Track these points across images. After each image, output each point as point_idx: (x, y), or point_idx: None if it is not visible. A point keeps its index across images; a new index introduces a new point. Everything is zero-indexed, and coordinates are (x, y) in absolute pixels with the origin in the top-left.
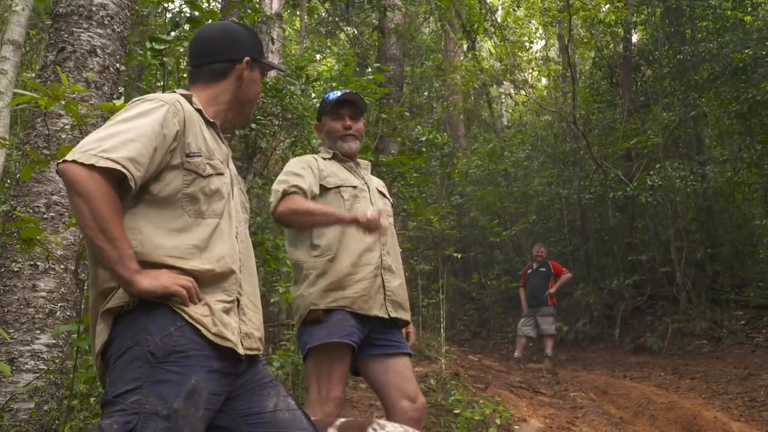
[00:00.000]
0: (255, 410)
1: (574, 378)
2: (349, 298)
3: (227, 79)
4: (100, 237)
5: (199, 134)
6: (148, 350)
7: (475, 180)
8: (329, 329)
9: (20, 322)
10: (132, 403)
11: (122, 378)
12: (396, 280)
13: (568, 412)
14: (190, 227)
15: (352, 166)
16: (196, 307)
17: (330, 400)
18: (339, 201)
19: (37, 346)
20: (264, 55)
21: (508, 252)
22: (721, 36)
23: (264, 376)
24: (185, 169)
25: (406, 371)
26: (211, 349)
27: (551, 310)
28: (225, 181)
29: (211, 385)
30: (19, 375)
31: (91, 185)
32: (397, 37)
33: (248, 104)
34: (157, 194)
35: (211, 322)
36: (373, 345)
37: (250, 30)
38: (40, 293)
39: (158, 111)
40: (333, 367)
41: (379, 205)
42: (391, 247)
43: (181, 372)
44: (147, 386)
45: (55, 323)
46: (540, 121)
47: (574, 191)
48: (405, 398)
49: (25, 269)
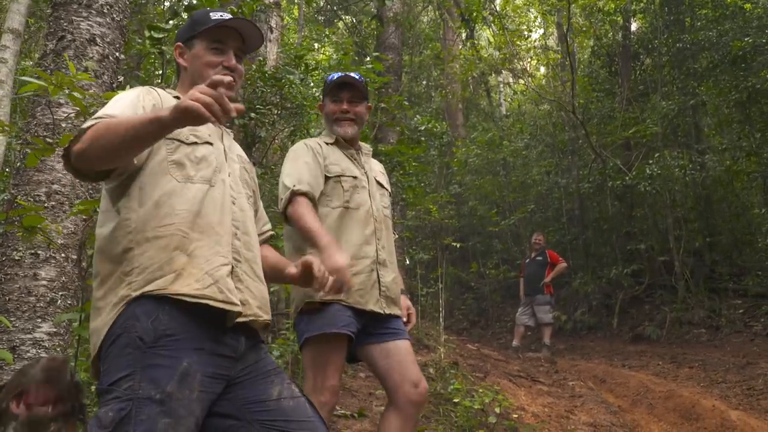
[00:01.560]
0: (259, 398)
1: (573, 367)
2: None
3: (182, 71)
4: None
5: None
6: (137, 336)
7: (473, 169)
8: (327, 319)
9: (21, 310)
10: (125, 390)
11: (114, 366)
12: (390, 274)
13: (566, 401)
14: (179, 191)
15: (353, 154)
16: (196, 282)
17: (326, 389)
18: (338, 191)
19: (38, 334)
20: (200, 25)
21: (506, 241)
22: (720, 24)
23: (267, 364)
24: (167, 138)
25: (407, 355)
26: (202, 330)
27: (548, 298)
28: (214, 151)
29: (205, 367)
30: (20, 362)
31: (87, 136)
32: (395, 25)
33: (201, 79)
34: (148, 169)
35: (216, 290)
36: (371, 333)
37: (192, 14)
38: (41, 282)
39: (131, 92)
40: (329, 357)
41: (377, 197)
42: (386, 241)
43: (172, 355)
44: (139, 372)
45: (56, 312)
46: (539, 110)
47: (572, 180)
48: (408, 382)
49: (27, 258)
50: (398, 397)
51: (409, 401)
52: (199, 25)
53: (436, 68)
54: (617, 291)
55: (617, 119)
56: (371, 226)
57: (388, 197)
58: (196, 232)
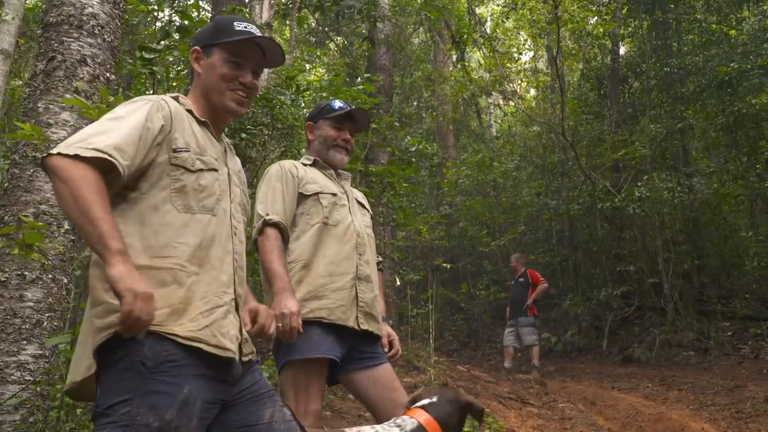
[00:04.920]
0: (251, 421)
1: (563, 389)
2: (326, 308)
3: (195, 76)
4: (83, 219)
5: (188, 130)
6: (138, 360)
7: (464, 190)
8: (310, 343)
9: (6, 332)
10: (123, 415)
11: (113, 389)
12: (371, 292)
13: (556, 423)
14: (180, 222)
15: (332, 174)
16: (190, 322)
17: (309, 414)
18: (317, 208)
19: (23, 356)
20: (223, 35)
21: (497, 262)
22: (706, 49)
23: (261, 387)
24: (172, 164)
25: (393, 381)
26: (205, 358)
27: (531, 320)
28: (218, 178)
29: (205, 394)
30: (4, 386)
31: (74, 171)
32: (387, 47)
33: (214, 92)
34: (146, 192)
35: (209, 334)
36: (352, 360)
37: (215, 20)
38: (27, 303)
39: (143, 107)
40: (311, 381)
41: (358, 215)
42: (369, 257)
43: (173, 382)
44: (138, 397)
45: (42, 333)
46: (529, 131)
47: (562, 202)
48: (399, 407)
49: (12, 279)
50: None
51: None
52: (221, 35)
53: (426, 89)
54: (607, 312)
55: (606, 141)
56: (353, 241)
57: (370, 218)
58: (194, 266)
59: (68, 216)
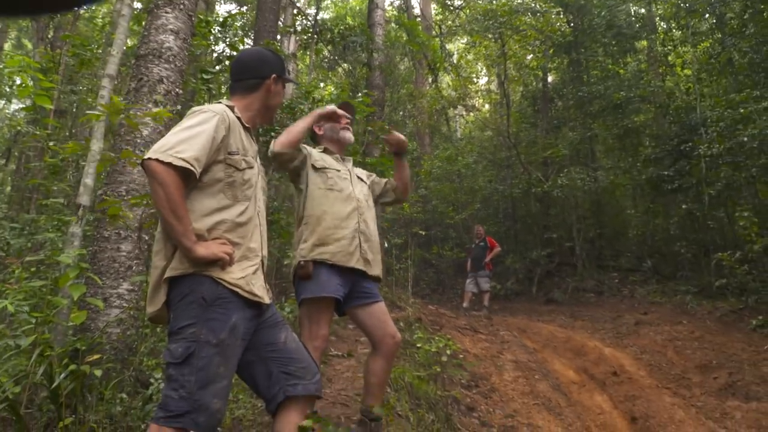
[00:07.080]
0: (271, 341)
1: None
2: (330, 252)
3: (258, 91)
4: (172, 215)
5: (238, 136)
6: (201, 296)
7: (436, 177)
8: (320, 284)
9: (109, 273)
10: (190, 334)
11: (182, 316)
12: (370, 243)
13: (498, 345)
14: (228, 207)
15: (338, 158)
16: (233, 272)
17: (319, 337)
18: (323, 178)
19: (120, 290)
20: (285, 73)
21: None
22: (605, 81)
23: (277, 317)
24: (226, 163)
25: (385, 315)
26: (245, 300)
27: (487, 273)
28: (254, 173)
29: (246, 323)
30: (109, 309)
31: (167, 177)
32: (380, 71)
33: (273, 110)
34: (205, 182)
35: (245, 283)
36: (355, 297)
37: (276, 54)
38: (122, 253)
39: (212, 120)
40: (321, 313)
41: (358, 186)
42: (368, 219)
43: (225, 312)
44: (201, 322)
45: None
46: (484, 135)
47: (507, 187)
48: (388, 335)
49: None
50: (381, 346)
51: (388, 349)
52: (284, 72)
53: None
54: (536, 267)
55: (539, 144)
56: (353, 204)
57: (368, 189)
58: (236, 238)
59: (159, 209)
